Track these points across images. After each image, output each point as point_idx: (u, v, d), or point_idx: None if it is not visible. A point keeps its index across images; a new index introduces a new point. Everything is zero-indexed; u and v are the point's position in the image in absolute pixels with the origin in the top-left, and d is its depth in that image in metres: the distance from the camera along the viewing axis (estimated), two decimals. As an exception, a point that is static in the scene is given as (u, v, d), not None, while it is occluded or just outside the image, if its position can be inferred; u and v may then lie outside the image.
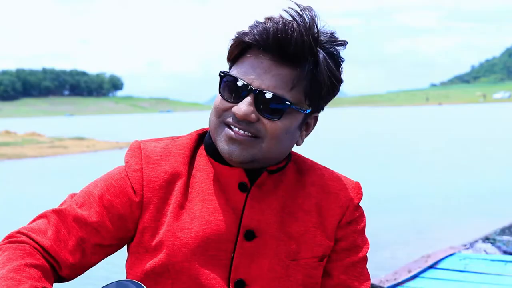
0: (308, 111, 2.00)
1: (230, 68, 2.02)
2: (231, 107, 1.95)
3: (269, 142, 1.96)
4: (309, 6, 1.98)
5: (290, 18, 1.91)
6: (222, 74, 1.98)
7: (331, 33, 2.00)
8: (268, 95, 1.91)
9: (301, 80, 1.94)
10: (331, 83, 1.98)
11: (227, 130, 1.96)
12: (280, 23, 1.89)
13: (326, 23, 1.98)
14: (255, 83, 1.92)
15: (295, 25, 1.89)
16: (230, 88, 1.96)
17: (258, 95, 1.92)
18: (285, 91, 1.93)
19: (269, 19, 1.91)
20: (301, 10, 1.94)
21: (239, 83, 1.94)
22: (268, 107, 1.93)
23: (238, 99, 1.94)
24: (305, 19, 1.92)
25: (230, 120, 1.95)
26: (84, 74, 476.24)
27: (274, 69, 1.92)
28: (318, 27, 1.95)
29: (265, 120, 1.94)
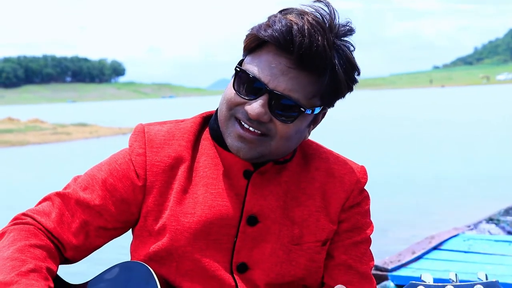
0: (319, 109, 2.00)
1: (244, 56, 1.99)
2: (244, 103, 1.93)
3: (278, 142, 1.96)
4: (326, 2, 1.95)
5: (313, 22, 1.86)
6: (238, 69, 1.96)
7: (348, 30, 1.96)
8: (284, 99, 1.90)
9: (316, 85, 1.92)
10: (346, 86, 1.97)
11: (237, 127, 1.95)
12: (306, 33, 1.84)
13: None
14: (271, 84, 1.89)
15: (318, 38, 1.85)
16: (245, 84, 1.94)
17: (273, 96, 1.90)
18: (300, 95, 1.91)
19: (294, 22, 1.86)
20: (332, 18, 1.92)
21: (255, 82, 1.91)
22: (282, 110, 1.92)
23: (252, 96, 1.92)
24: (332, 30, 1.90)
25: (241, 115, 1.94)
26: (85, 60, 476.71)
27: (291, 71, 1.89)
28: (338, 29, 1.93)
29: (277, 122, 1.92)
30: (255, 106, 1.90)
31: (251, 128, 1.93)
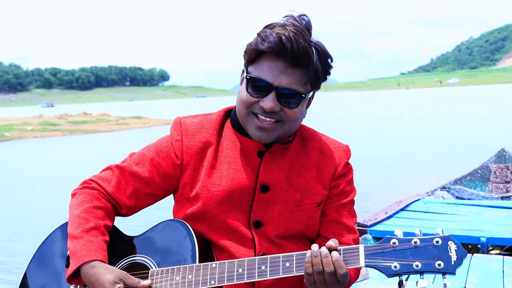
0: (312, 93, 1.98)
1: (246, 68, 1.96)
2: (258, 101, 1.92)
3: (289, 124, 1.96)
4: (305, 14, 1.94)
5: (295, 31, 1.85)
6: (248, 77, 1.93)
7: (309, 23, 1.94)
8: (287, 91, 1.89)
9: (307, 75, 1.90)
10: (326, 71, 1.96)
11: (255, 120, 1.94)
12: (293, 39, 1.83)
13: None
14: (276, 82, 1.88)
15: (302, 41, 1.85)
16: (255, 87, 1.92)
17: (279, 91, 1.89)
18: (298, 85, 1.90)
19: (282, 33, 1.85)
20: (302, 23, 1.90)
21: (263, 83, 1.90)
22: (288, 100, 1.91)
23: (262, 95, 1.90)
24: (307, 33, 1.89)
25: (257, 110, 1.93)
26: (140, 69, 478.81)
27: (288, 70, 1.88)
28: (308, 29, 1.91)
29: (286, 109, 1.92)
30: (268, 102, 1.89)
31: (267, 119, 1.92)
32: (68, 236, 1.96)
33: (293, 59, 1.86)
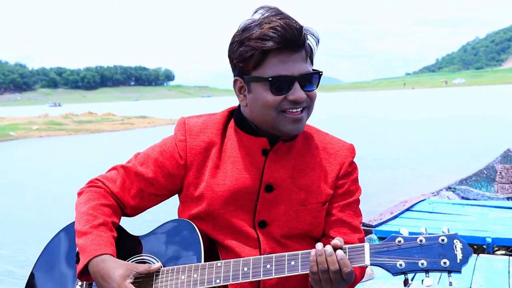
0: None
1: (250, 73, 1.95)
2: (284, 97, 1.90)
3: (312, 106, 1.98)
4: (260, 7, 1.97)
5: (281, 18, 1.88)
6: (270, 78, 1.91)
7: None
8: (306, 75, 1.91)
9: (307, 53, 1.93)
10: (317, 43, 1.99)
11: (288, 115, 1.93)
12: (287, 26, 1.86)
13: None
14: (295, 72, 1.89)
15: (293, 26, 1.87)
16: (279, 85, 1.90)
17: (301, 79, 1.90)
18: (310, 66, 1.94)
19: (275, 25, 1.86)
20: (279, 10, 1.94)
21: (285, 79, 1.89)
22: (309, 83, 1.93)
23: (288, 90, 1.90)
24: (289, 16, 1.92)
25: (287, 106, 1.92)
26: (145, 69, 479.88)
27: (296, 56, 1.89)
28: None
29: (309, 93, 1.93)
30: (297, 93, 1.90)
31: (298, 109, 1.93)
32: (76, 233, 1.97)
33: (294, 45, 1.88)
